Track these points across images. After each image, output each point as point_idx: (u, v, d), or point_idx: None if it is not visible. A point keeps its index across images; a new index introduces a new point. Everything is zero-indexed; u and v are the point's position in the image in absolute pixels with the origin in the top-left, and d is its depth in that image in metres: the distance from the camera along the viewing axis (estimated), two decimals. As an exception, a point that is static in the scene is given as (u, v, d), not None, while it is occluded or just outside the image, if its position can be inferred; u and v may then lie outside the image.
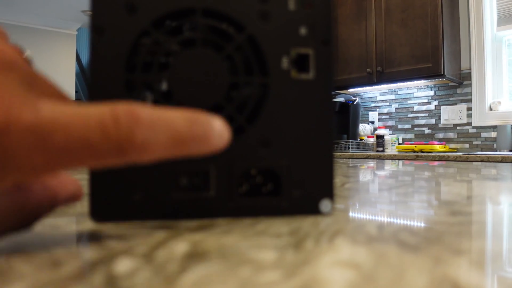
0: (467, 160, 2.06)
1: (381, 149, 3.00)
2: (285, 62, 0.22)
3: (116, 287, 0.12)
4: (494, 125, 2.48)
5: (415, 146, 2.65)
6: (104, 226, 0.20)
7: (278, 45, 0.22)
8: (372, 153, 2.56)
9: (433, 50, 2.43)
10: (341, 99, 2.93)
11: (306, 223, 0.21)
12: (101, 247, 0.17)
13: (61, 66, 4.61)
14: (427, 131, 2.89)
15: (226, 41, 0.21)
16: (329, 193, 0.23)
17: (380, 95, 3.16)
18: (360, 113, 3.22)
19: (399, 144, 3.01)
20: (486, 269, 0.14)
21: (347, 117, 2.94)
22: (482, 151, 2.54)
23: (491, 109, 2.51)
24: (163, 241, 0.18)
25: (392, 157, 2.40)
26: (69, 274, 0.13)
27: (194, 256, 0.15)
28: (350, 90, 3.19)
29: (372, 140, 3.11)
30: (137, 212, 0.21)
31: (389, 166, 0.89)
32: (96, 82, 0.19)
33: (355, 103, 2.97)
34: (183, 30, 0.20)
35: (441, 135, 2.79)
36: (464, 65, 2.61)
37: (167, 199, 0.21)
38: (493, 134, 2.50)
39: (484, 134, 2.55)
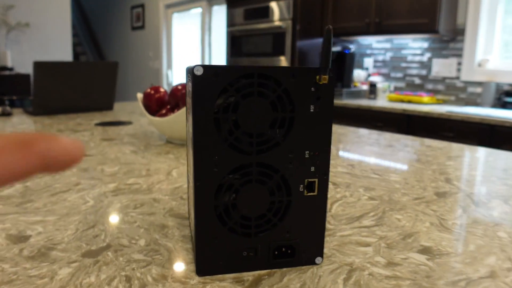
0: (449, 118, 2.21)
1: (373, 96, 3.14)
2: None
3: None
4: (481, 81, 2.61)
5: (405, 96, 2.79)
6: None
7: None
8: (363, 104, 2.70)
9: (431, 5, 2.48)
10: (338, 48, 3.00)
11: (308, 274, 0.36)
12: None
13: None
14: (417, 81, 3.01)
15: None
16: (321, 253, 0.40)
17: (376, 43, 3.23)
18: (356, 59, 3.30)
19: (390, 91, 3.14)
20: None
21: (343, 66, 3.03)
22: (466, 105, 2.69)
23: (479, 66, 2.62)
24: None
25: (382, 109, 2.54)
26: None
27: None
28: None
29: (365, 87, 3.23)
30: (223, 268, 0.37)
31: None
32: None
33: (351, 52, 3.04)
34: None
35: (430, 86, 2.92)
36: (459, 20, 2.67)
37: (241, 260, 0.37)
38: (479, 90, 2.64)
39: (470, 89, 2.69)
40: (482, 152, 0.99)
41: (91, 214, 0.52)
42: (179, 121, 0.92)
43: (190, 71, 0.33)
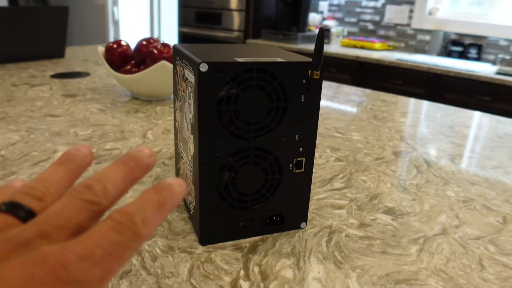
0: (398, 66, 2.31)
1: (327, 41, 3.17)
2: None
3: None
4: (430, 29, 2.72)
5: (358, 42, 2.85)
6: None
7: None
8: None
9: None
10: (295, -9, 2.95)
11: (296, 237, 0.41)
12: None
13: None
14: (370, 27, 3.07)
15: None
16: (305, 219, 0.45)
17: (332, -14, 3.21)
18: (311, 2, 3.28)
19: (343, 36, 3.19)
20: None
21: (299, 9, 3.01)
22: (415, 52, 2.80)
23: (430, 14, 2.71)
24: (245, 253, 0.37)
25: (336, 55, 2.60)
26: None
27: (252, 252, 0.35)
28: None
29: (319, 32, 3.25)
30: (223, 236, 0.42)
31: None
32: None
33: (307, -5, 3.01)
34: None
35: (382, 32, 3.00)
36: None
37: (238, 230, 0.41)
38: (427, 38, 2.75)
39: (419, 37, 2.80)
40: (430, 108, 1.08)
41: (81, 185, 0.54)
42: (147, 78, 0.92)
43: (195, 66, 0.35)
